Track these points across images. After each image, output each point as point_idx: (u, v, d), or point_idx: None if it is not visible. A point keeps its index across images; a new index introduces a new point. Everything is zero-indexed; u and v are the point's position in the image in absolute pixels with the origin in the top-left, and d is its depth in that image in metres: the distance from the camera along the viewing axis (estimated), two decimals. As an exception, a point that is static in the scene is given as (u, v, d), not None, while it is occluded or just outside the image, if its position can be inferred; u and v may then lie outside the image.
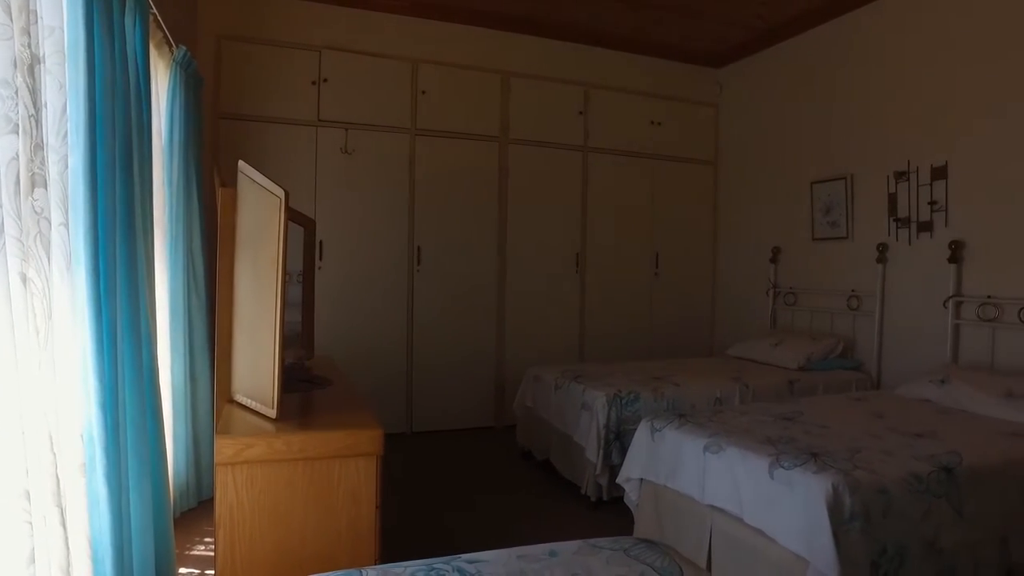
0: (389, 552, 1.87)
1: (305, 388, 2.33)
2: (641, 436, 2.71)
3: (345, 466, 1.73)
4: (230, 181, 2.04)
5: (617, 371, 3.69)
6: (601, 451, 3.04)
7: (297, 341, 2.72)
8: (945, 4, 3.68)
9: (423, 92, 4.44)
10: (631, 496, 2.75)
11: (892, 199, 3.96)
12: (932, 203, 3.72)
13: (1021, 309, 3.26)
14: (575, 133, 4.91)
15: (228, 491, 1.60)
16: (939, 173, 3.68)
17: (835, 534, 1.83)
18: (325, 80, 4.20)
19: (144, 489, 1.89)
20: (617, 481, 2.85)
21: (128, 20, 1.89)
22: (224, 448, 1.58)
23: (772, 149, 4.94)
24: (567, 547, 1.40)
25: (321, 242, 4.15)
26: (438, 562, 1.33)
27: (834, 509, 1.86)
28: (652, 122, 5.16)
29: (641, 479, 2.69)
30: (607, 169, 5.04)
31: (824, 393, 3.65)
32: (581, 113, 4.91)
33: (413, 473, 3.70)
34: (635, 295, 5.18)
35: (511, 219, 4.74)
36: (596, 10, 4.44)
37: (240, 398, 1.97)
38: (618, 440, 3.07)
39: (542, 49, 4.81)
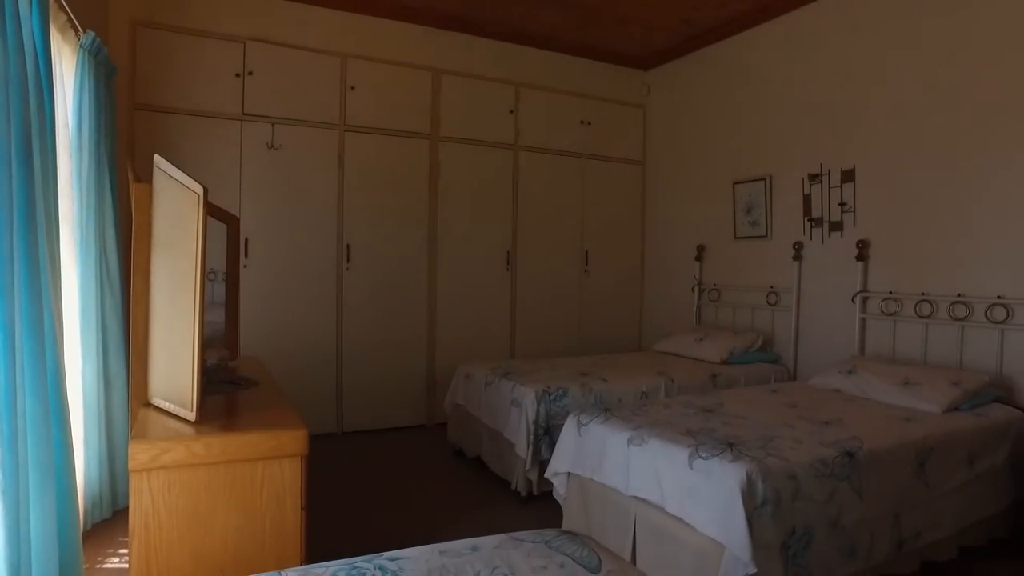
0: (317, 553, 1.85)
1: (228, 389, 2.27)
2: (568, 431, 2.76)
3: (269, 468, 1.70)
4: (146, 176, 1.96)
5: (546, 367, 3.74)
6: (530, 446, 3.08)
7: (221, 342, 2.64)
8: (854, 21, 3.90)
9: (352, 87, 4.37)
10: (559, 490, 2.81)
11: (807, 200, 4.17)
12: (842, 204, 3.94)
13: (917, 303, 3.51)
14: (506, 131, 4.94)
15: (143, 498, 1.54)
16: (848, 176, 3.91)
17: (748, 519, 1.92)
18: (250, 73, 4.08)
19: (46, 502, 1.79)
20: (545, 475, 2.90)
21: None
22: (139, 454, 1.53)
23: (697, 150, 5.12)
24: (489, 541, 1.42)
25: (247, 240, 4.04)
26: (360, 561, 1.33)
27: (748, 495, 1.95)
28: (582, 122, 5.25)
29: (568, 473, 2.74)
30: (538, 167, 5.09)
31: (745, 385, 3.81)
32: (512, 112, 4.95)
33: (344, 473, 3.65)
34: (565, 292, 5.26)
35: (441, 217, 4.72)
36: (525, 10, 4.48)
37: (158, 401, 1.90)
38: (547, 435, 3.12)
39: (473, 47, 4.81)
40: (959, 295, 3.33)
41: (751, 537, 1.90)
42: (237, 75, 4.06)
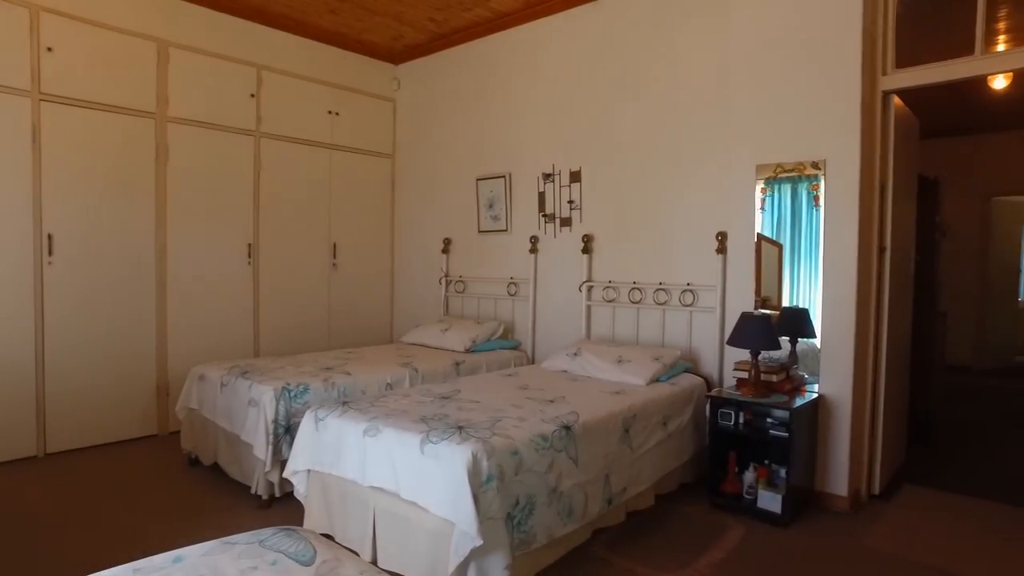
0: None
1: None
2: (306, 427, 2.69)
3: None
4: None
5: (290, 364, 3.59)
6: (270, 447, 2.94)
7: None
8: (584, 35, 4.33)
9: (49, 49, 3.72)
10: (299, 488, 2.72)
11: (541, 197, 4.55)
12: (571, 202, 4.37)
13: (630, 290, 4.03)
14: (247, 117, 4.61)
15: None
16: (575, 177, 4.35)
17: (474, 496, 2.05)
18: None
19: None
20: (284, 475, 2.79)
21: None
22: None
23: (444, 145, 5.28)
24: (196, 550, 1.33)
25: (-103, 227, 3.26)
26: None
27: (473, 474, 2.08)
28: (330, 112, 5.11)
29: (308, 470, 2.68)
30: (282, 157, 4.84)
31: (487, 371, 4.05)
32: (253, 96, 4.63)
33: (46, 501, 3.13)
34: (313, 286, 5.10)
35: (172, 205, 4.25)
36: (266, -13, 4.23)
37: None
38: (288, 434, 2.99)
39: (207, 21, 4.39)
40: (660, 283, 3.89)
41: (477, 512, 2.03)
42: None
